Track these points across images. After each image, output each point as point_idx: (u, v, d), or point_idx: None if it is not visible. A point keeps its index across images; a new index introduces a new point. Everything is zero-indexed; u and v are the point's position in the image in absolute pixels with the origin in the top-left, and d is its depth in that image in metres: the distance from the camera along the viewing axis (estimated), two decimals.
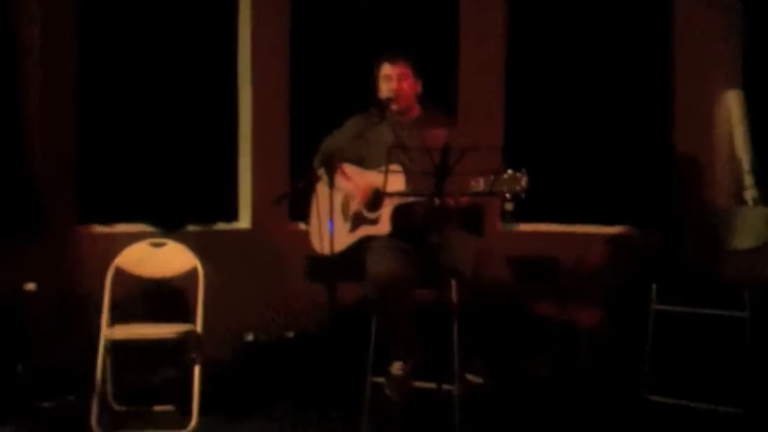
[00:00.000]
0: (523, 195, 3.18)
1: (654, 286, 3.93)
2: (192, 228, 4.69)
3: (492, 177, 3.20)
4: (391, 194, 3.49)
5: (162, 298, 4.20)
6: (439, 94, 4.04)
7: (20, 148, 4.14)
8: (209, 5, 4.82)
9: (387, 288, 3.48)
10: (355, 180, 3.79)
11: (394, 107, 3.72)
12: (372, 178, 3.70)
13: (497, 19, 5.11)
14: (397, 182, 3.50)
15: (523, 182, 3.16)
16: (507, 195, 3.20)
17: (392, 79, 3.71)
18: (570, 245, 4.77)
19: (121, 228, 4.53)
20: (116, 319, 3.76)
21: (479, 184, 3.28)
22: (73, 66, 4.36)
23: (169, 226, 4.55)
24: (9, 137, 4.10)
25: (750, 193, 4.46)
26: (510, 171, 3.18)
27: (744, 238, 4.14)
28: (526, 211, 4.88)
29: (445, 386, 3.45)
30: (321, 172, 3.70)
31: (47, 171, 4.21)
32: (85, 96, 4.43)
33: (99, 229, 4.50)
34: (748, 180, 4.48)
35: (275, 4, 4.95)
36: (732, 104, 4.60)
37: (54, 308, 4.10)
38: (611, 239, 4.75)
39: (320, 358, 4.21)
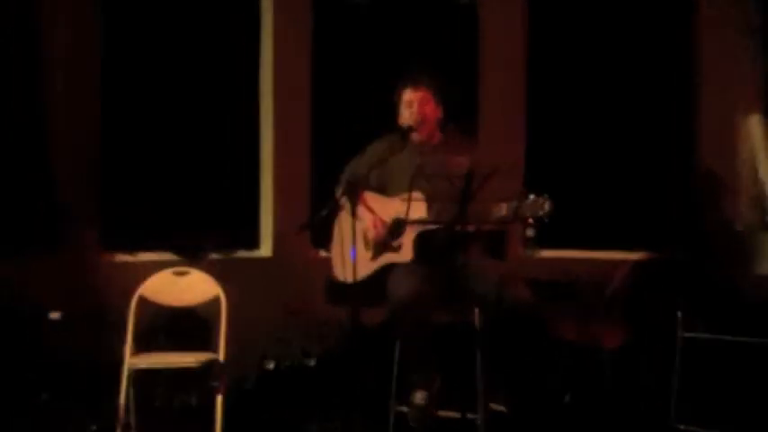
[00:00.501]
0: (546, 220, 3.17)
1: (679, 314, 3.89)
2: (214, 256, 4.70)
3: (515, 203, 3.19)
4: (413, 222, 3.49)
5: (185, 326, 4.21)
6: (460, 116, 4.04)
7: (45, 169, 4.18)
8: (233, 34, 4.87)
9: (406, 310, 3.47)
10: (376, 211, 3.77)
11: (415, 134, 3.72)
12: (394, 205, 3.69)
13: (518, 39, 5.11)
14: (418, 209, 3.49)
15: (546, 206, 3.15)
16: (530, 221, 3.19)
17: (414, 105, 3.70)
18: (593, 270, 4.74)
19: (144, 256, 4.55)
20: (139, 347, 3.76)
21: (502, 210, 3.27)
22: (98, 91, 4.41)
23: (191, 254, 4.57)
24: (33, 155, 4.14)
25: None
26: (533, 196, 3.16)
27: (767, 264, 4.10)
28: (549, 236, 4.85)
29: (469, 415, 3.42)
30: (344, 201, 3.70)
31: (71, 192, 4.25)
32: (109, 125, 4.47)
33: (122, 257, 4.52)
34: None
35: (297, 32, 4.98)
36: (755, 129, 4.58)
37: (78, 336, 4.11)
38: (636, 264, 4.71)
39: (342, 386, 4.19)
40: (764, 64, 4.61)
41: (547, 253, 5.02)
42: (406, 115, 3.72)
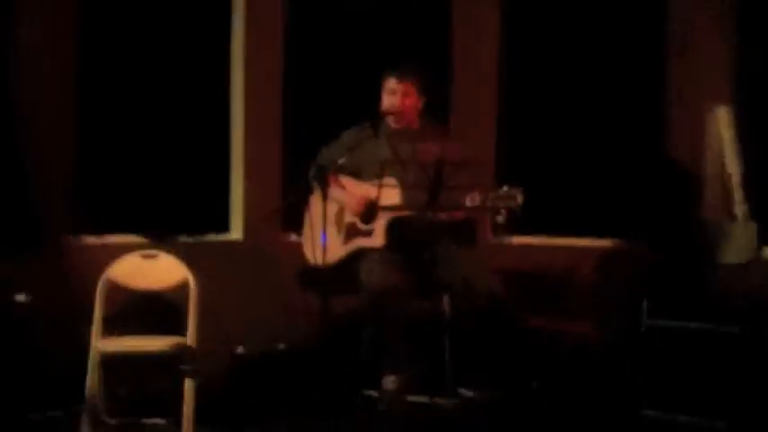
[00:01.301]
0: (519, 212, 3.21)
1: (645, 302, 3.94)
2: (183, 239, 4.66)
3: (488, 194, 3.22)
4: (386, 208, 3.50)
5: (153, 310, 4.18)
6: (434, 107, 4.05)
7: (18, 159, 4.12)
8: (203, 19, 4.81)
9: (380, 299, 3.50)
10: (351, 191, 3.79)
11: (393, 122, 3.73)
12: (368, 190, 3.70)
13: (491, 30, 5.12)
14: (392, 195, 3.50)
15: (519, 198, 3.19)
16: (503, 211, 3.22)
17: (396, 94, 3.72)
18: (562, 257, 4.79)
19: (112, 239, 4.49)
20: (107, 331, 3.73)
21: (475, 200, 3.30)
22: (71, 78, 4.34)
23: (160, 237, 4.53)
24: (7, 145, 4.08)
25: (740, 208, 4.49)
26: (506, 187, 3.20)
27: (733, 253, 4.16)
28: (519, 223, 4.89)
29: (438, 400, 3.46)
30: (315, 184, 3.70)
31: (45, 182, 4.18)
32: (79, 108, 4.41)
33: (89, 240, 4.47)
34: (738, 195, 4.50)
35: (269, 17, 4.93)
36: (722, 119, 4.63)
37: (45, 320, 4.07)
38: (603, 252, 4.77)
39: (312, 370, 4.20)
40: (734, 53, 4.67)
41: (516, 240, 5.06)
42: (387, 103, 3.74)
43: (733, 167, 4.55)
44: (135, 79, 4.56)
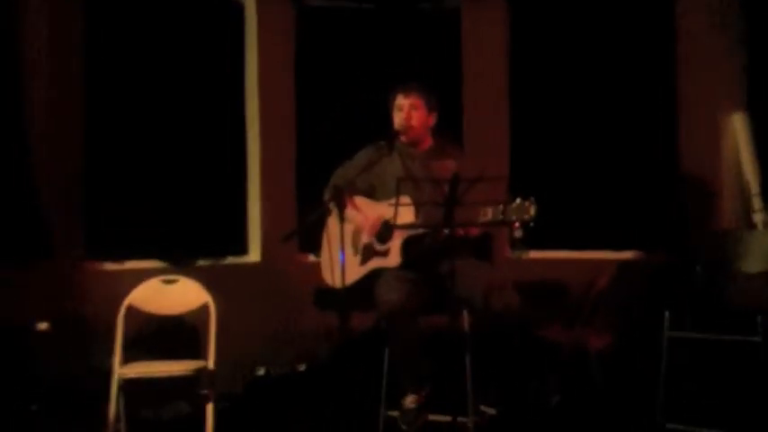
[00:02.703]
0: (532, 224, 3.18)
1: (666, 313, 3.91)
2: (202, 262, 4.69)
3: (501, 207, 3.21)
4: (401, 227, 3.50)
5: (174, 334, 4.20)
6: (446, 122, 4.06)
7: (28, 179, 4.16)
8: (218, 42, 4.87)
9: (395, 315, 3.49)
10: (365, 212, 3.80)
11: (403, 138, 3.74)
12: (382, 210, 3.71)
13: (500, 46, 5.14)
14: (406, 214, 3.50)
15: (532, 210, 3.16)
16: (516, 224, 3.20)
17: (404, 110, 3.73)
18: (580, 271, 4.76)
19: (131, 264, 4.54)
20: (128, 356, 3.76)
21: (488, 214, 3.29)
22: (82, 100, 4.39)
23: (179, 261, 4.56)
24: (16, 165, 4.12)
25: (759, 217, 4.45)
26: (518, 200, 3.18)
27: (754, 262, 4.12)
28: (536, 238, 4.88)
29: (460, 418, 3.44)
30: (332, 205, 3.71)
31: (54, 201, 4.23)
32: (94, 131, 4.46)
33: (110, 266, 4.51)
34: (757, 203, 4.46)
35: (281, 39, 4.99)
36: (738, 127, 4.60)
37: (66, 346, 4.10)
38: (621, 265, 4.74)
39: (333, 391, 4.20)
40: (745, 61, 4.64)
41: (534, 254, 5.04)
42: (396, 120, 3.74)
43: (750, 175, 4.52)
44: (152, 103, 4.62)
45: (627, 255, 4.82)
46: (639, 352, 4.23)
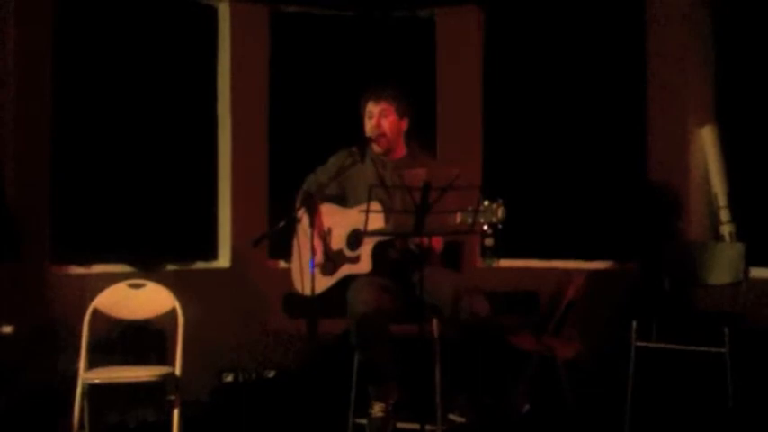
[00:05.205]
0: (500, 226, 3.16)
1: (633, 323, 3.94)
2: (170, 267, 4.65)
3: (469, 211, 3.20)
4: (371, 234, 3.49)
5: (141, 339, 4.16)
6: (420, 130, 4.06)
7: None
8: (189, 46, 4.85)
9: (365, 321, 3.47)
10: (334, 222, 3.77)
11: (376, 148, 3.73)
12: (353, 217, 3.70)
13: (475, 54, 5.17)
14: (377, 220, 3.50)
15: (500, 213, 3.14)
16: (485, 227, 3.18)
17: (374, 116, 3.71)
18: (551, 280, 4.78)
19: (99, 268, 4.49)
20: (94, 361, 3.71)
21: (457, 219, 3.29)
22: (49, 101, 4.35)
23: (147, 266, 4.52)
24: None
25: (726, 229, 4.49)
26: (486, 203, 3.17)
27: (720, 274, 4.15)
28: (507, 246, 4.90)
29: (428, 427, 3.43)
30: (302, 212, 3.69)
31: (21, 204, 4.18)
32: (61, 133, 4.41)
33: (76, 269, 4.46)
34: (724, 215, 4.51)
35: (255, 44, 4.98)
36: (707, 139, 4.64)
37: (30, 350, 4.04)
38: (591, 274, 4.77)
39: (301, 398, 4.17)
40: (714, 74, 4.70)
41: (505, 262, 5.06)
42: (368, 127, 3.74)
43: (718, 188, 4.56)
44: (121, 105, 4.59)
45: (597, 264, 4.85)
46: (608, 361, 4.26)
